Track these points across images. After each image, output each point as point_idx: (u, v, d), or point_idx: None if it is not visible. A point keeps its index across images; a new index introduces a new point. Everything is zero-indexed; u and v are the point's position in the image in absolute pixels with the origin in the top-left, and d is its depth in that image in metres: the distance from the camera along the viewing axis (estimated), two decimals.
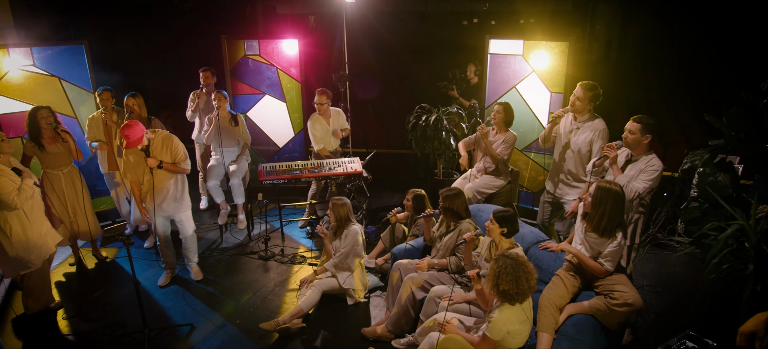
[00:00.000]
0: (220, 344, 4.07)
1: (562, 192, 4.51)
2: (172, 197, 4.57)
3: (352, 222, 4.45)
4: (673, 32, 5.99)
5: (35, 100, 5.67)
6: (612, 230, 3.10)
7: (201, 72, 6.12)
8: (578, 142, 4.31)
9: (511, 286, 2.85)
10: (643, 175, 3.56)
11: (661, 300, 4.44)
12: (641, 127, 3.55)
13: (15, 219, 4.10)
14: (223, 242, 5.85)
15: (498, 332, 2.90)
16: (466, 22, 8.32)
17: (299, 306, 4.18)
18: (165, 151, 4.42)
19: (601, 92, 4.23)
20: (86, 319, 4.43)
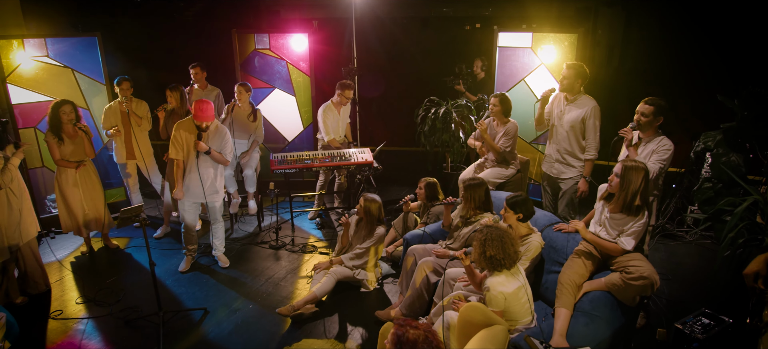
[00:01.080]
0: (234, 327, 4.10)
1: (559, 171, 4.65)
2: (210, 184, 4.64)
3: (381, 223, 4.48)
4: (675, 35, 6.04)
5: (49, 91, 5.74)
6: (641, 207, 3.13)
7: (191, 69, 6.15)
8: (571, 119, 4.47)
9: (497, 251, 2.93)
10: (655, 155, 3.60)
11: (673, 287, 4.46)
12: (654, 110, 3.59)
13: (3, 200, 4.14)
14: (234, 232, 5.88)
15: (497, 301, 2.94)
16: (469, 27, 8.39)
17: (313, 292, 4.20)
18: (216, 139, 4.52)
19: (588, 71, 4.42)
20: (99, 304, 4.45)
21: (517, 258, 3.08)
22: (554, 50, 5.73)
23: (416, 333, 2.25)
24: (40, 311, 4.38)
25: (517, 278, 3.08)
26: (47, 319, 4.25)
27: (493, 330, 2.26)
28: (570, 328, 3.02)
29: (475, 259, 3.07)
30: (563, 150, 4.59)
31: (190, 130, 4.52)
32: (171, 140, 4.59)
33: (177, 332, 4.02)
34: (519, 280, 3.08)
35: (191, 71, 6.08)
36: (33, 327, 4.13)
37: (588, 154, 4.46)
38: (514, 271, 3.08)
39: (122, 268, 5.13)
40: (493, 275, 3.05)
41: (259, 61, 6.78)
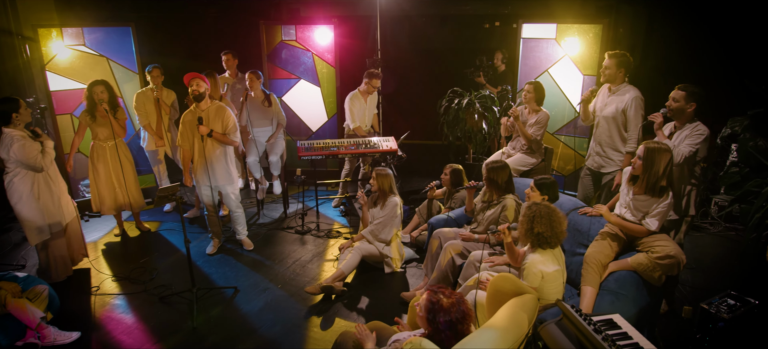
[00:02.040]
0: (264, 305, 4.23)
1: (598, 164, 4.51)
2: (220, 168, 4.74)
3: (393, 193, 4.57)
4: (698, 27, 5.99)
5: (85, 79, 5.94)
6: (665, 188, 3.16)
7: (223, 55, 6.23)
8: (611, 110, 4.32)
9: (545, 228, 2.97)
10: (688, 139, 3.60)
11: (697, 276, 4.47)
12: (686, 96, 3.60)
13: (43, 185, 4.31)
14: (260, 217, 6.03)
15: (534, 277, 2.99)
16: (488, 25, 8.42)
17: (340, 269, 4.31)
18: (217, 121, 4.61)
19: (631, 59, 4.25)
20: (134, 282, 4.62)
21: (562, 238, 3.10)
22: (578, 41, 5.76)
23: (449, 301, 2.34)
24: (78, 286, 4.56)
25: (558, 261, 3.12)
26: (85, 294, 4.43)
27: (523, 298, 2.34)
28: (595, 306, 3.07)
29: (522, 234, 3.10)
30: (603, 142, 4.43)
31: (193, 115, 4.63)
32: (180, 128, 4.72)
33: (209, 308, 4.16)
34: (559, 263, 3.11)
35: (223, 58, 6.19)
36: (72, 301, 4.31)
37: (628, 147, 4.26)
38: (556, 252, 3.11)
39: (154, 249, 5.30)
40: (536, 251, 3.09)
41: (286, 52, 6.92)
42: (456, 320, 2.30)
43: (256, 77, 5.79)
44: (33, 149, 4.14)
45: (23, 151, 4.09)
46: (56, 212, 4.42)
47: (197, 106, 4.59)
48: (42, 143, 4.28)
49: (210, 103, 4.63)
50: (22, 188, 4.22)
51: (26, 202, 4.25)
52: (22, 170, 4.21)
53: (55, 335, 3.69)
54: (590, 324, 2.05)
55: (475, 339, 2.15)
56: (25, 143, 4.11)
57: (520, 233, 3.13)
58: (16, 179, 4.21)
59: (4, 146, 4.10)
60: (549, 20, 6.00)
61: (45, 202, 4.32)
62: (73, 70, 5.93)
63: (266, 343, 3.73)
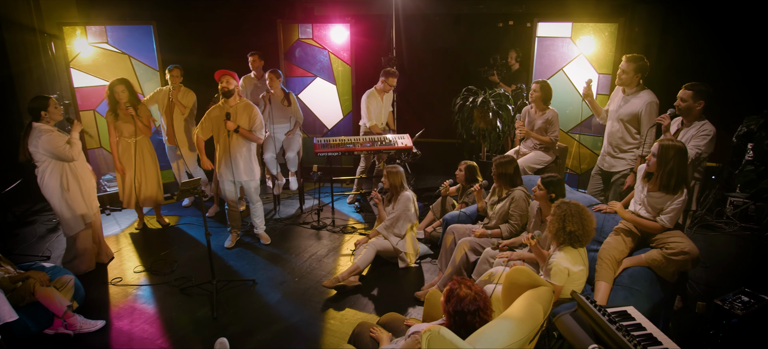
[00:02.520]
0: (282, 297, 4.33)
1: (610, 164, 4.57)
2: (243, 163, 4.86)
3: (405, 188, 4.64)
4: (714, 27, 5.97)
5: (108, 76, 6.09)
6: (679, 185, 3.19)
7: (249, 56, 6.34)
8: (627, 112, 4.35)
9: (577, 227, 2.99)
10: (695, 139, 3.63)
11: (711, 274, 4.48)
12: (693, 94, 3.63)
13: (71, 177, 4.43)
14: (277, 212, 6.14)
15: (561, 275, 3.02)
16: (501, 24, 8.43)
17: (355, 264, 4.39)
18: (244, 117, 4.73)
19: (648, 64, 4.26)
20: (155, 273, 4.75)
21: (592, 236, 3.12)
22: (593, 40, 5.77)
23: (467, 292, 2.40)
24: (101, 277, 4.69)
25: (584, 260, 3.14)
26: (108, 285, 4.56)
27: (539, 290, 2.39)
28: (609, 301, 3.11)
29: (553, 233, 3.13)
30: (615, 143, 4.49)
31: (220, 111, 4.74)
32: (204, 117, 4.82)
33: (229, 300, 4.27)
34: (584, 263, 3.14)
35: (250, 59, 6.28)
36: (96, 292, 4.44)
37: (640, 150, 4.31)
38: (582, 252, 3.14)
39: (174, 242, 5.43)
40: (563, 250, 3.12)
41: (302, 50, 7.02)
42: (476, 310, 2.37)
43: (276, 76, 5.89)
44: (60, 140, 4.28)
45: (50, 142, 4.23)
46: (84, 205, 4.55)
47: (226, 102, 4.69)
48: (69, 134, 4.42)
49: (238, 101, 4.74)
50: (53, 183, 4.36)
51: (58, 195, 4.38)
52: (51, 163, 4.34)
53: (81, 323, 3.83)
54: (605, 315, 2.11)
55: (492, 328, 2.22)
56: (52, 135, 4.25)
57: (551, 231, 3.14)
58: (47, 173, 4.34)
59: (33, 139, 4.24)
60: (564, 19, 6.02)
61: (74, 194, 4.46)
62: (96, 68, 6.07)
63: (285, 333, 3.83)
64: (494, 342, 2.10)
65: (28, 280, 3.72)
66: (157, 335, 3.83)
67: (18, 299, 3.65)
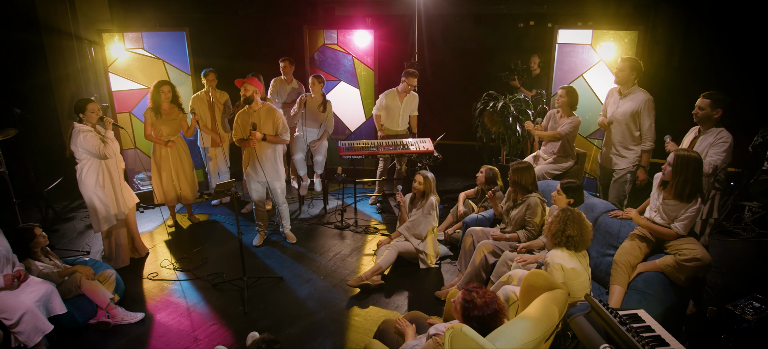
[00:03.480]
0: (308, 294, 4.54)
1: (611, 162, 4.86)
2: (269, 165, 5.08)
3: (432, 194, 4.82)
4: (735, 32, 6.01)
5: (143, 80, 6.40)
6: (693, 194, 3.32)
7: (281, 62, 6.56)
8: (624, 111, 4.65)
9: (576, 233, 3.18)
10: (713, 149, 3.73)
11: (727, 280, 4.56)
12: (711, 103, 3.74)
13: (107, 176, 4.69)
14: (302, 212, 6.37)
15: (556, 271, 3.18)
16: (522, 25, 8.52)
17: (378, 264, 4.59)
18: (268, 122, 4.95)
19: (642, 65, 4.58)
20: (188, 269, 5.00)
21: (587, 245, 3.31)
22: (614, 47, 5.86)
23: (482, 300, 2.56)
24: (138, 272, 4.97)
25: (581, 262, 3.29)
26: (145, 279, 4.84)
27: (554, 292, 2.55)
28: (623, 304, 3.25)
29: (552, 232, 3.31)
30: (616, 142, 4.78)
31: (244, 116, 4.96)
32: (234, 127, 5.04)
33: (258, 296, 4.50)
34: (581, 264, 3.29)
35: (281, 64, 6.51)
36: (134, 286, 4.71)
37: (644, 145, 4.63)
38: (579, 256, 3.29)
39: (205, 239, 5.69)
40: (557, 248, 3.29)
41: (327, 55, 7.23)
42: (488, 315, 2.53)
43: (319, 81, 6.13)
44: (95, 139, 4.52)
45: (86, 142, 4.48)
46: (115, 203, 4.80)
47: (250, 107, 4.93)
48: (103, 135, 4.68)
49: (260, 105, 4.97)
50: (89, 180, 4.63)
51: (94, 191, 4.65)
52: (89, 161, 4.61)
53: (123, 315, 4.09)
54: (616, 317, 2.25)
55: (511, 328, 2.38)
56: (88, 134, 4.50)
57: (551, 231, 3.31)
58: (85, 170, 4.61)
59: (74, 139, 4.52)
60: (585, 26, 6.12)
61: (108, 191, 4.72)
62: (132, 72, 6.37)
63: (312, 328, 4.04)
64: (512, 340, 2.26)
65: (75, 274, 4.00)
66: (192, 328, 4.08)
67: (65, 292, 3.92)
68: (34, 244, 4.00)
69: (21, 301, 3.40)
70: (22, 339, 3.40)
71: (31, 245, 3.98)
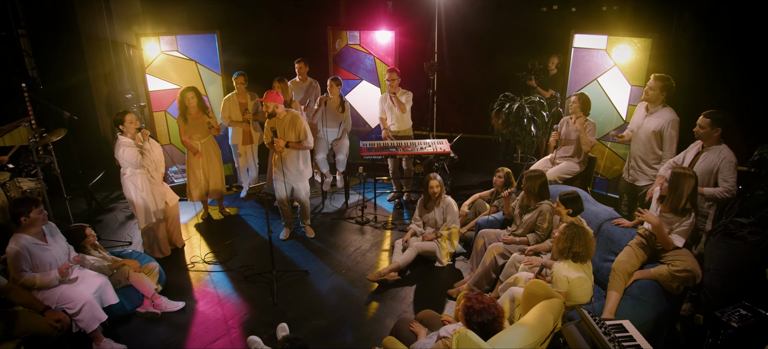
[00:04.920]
0: (331, 287, 4.94)
1: (633, 177, 4.99)
2: (293, 168, 5.45)
3: (446, 195, 5.13)
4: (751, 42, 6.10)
5: (177, 80, 6.81)
6: (688, 209, 3.58)
7: (296, 63, 6.90)
8: (649, 128, 4.75)
9: (582, 249, 3.47)
10: (722, 174, 3.97)
11: (726, 282, 4.78)
12: (711, 122, 3.96)
13: (146, 181, 5.09)
14: (324, 207, 6.76)
15: (562, 283, 3.49)
16: (545, 9, 8.63)
17: (397, 262, 4.95)
18: (291, 130, 5.30)
19: (674, 84, 4.65)
20: (221, 261, 5.44)
21: (592, 255, 3.62)
22: (628, 53, 6.02)
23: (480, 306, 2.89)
24: (176, 263, 5.43)
25: (585, 271, 3.60)
26: (183, 270, 5.29)
27: (551, 301, 2.87)
28: (619, 309, 3.54)
29: (558, 250, 3.62)
30: (638, 157, 4.91)
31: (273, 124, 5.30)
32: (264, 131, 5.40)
33: (286, 288, 4.91)
34: (585, 272, 3.60)
35: (296, 66, 6.89)
36: (173, 276, 5.17)
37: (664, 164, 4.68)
38: (585, 266, 3.61)
39: (235, 232, 6.12)
40: (563, 261, 3.60)
41: (350, 55, 7.54)
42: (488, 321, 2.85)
43: (336, 84, 6.48)
44: (133, 152, 4.92)
45: (126, 155, 4.90)
46: (156, 203, 5.23)
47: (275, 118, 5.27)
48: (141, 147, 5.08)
49: (284, 114, 5.31)
50: (130, 184, 5.06)
51: (135, 194, 5.09)
52: (130, 169, 5.04)
53: (166, 304, 4.55)
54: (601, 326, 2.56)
55: (510, 333, 2.72)
56: (127, 148, 4.91)
57: (558, 247, 3.62)
58: (127, 176, 5.05)
59: (117, 150, 4.95)
60: (601, 32, 6.28)
61: (147, 195, 5.14)
62: (166, 73, 6.78)
63: (335, 320, 4.44)
64: (510, 344, 2.60)
65: (124, 267, 4.46)
66: (227, 317, 4.52)
67: (115, 283, 4.39)
68: (86, 242, 4.47)
69: (81, 293, 3.86)
70: (82, 326, 3.86)
71: (83, 243, 4.44)
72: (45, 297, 3.77)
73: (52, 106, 5.63)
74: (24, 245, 3.73)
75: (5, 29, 7.11)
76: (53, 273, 3.81)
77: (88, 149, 7.43)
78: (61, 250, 3.97)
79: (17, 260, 3.70)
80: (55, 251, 3.91)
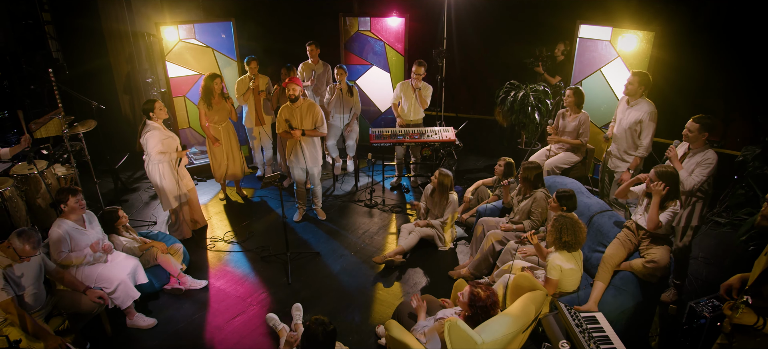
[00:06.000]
0: (341, 268, 5.33)
1: (615, 165, 5.39)
2: (309, 153, 5.80)
3: (451, 191, 5.44)
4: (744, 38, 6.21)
5: (196, 67, 7.13)
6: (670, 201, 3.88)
7: (307, 45, 7.16)
8: (629, 120, 5.10)
9: (571, 237, 3.78)
10: (699, 168, 4.22)
11: (712, 270, 5.09)
12: (699, 127, 4.20)
13: (167, 167, 5.43)
14: (335, 190, 7.12)
15: (555, 271, 3.82)
16: None
17: (401, 245, 5.32)
18: (308, 117, 5.62)
19: (651, 78, 5.00)
20: (239, 241, 5.85)
21: (582, 244, 3.93)
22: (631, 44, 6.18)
23: (485, 293, 3.25)
24: (198, 243, 5.85)
25: (576, 261, 3.93)
26: (204, 250, 5.71)
27: (534, 293, 3.20)
28: (603, 297, 3.88)
29: (550, 241, 3.94)
30: (620, 147, 5.27)
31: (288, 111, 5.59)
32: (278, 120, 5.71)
33: (299, 268, 5.32)
34: (576, 262, 3.92)
35: (307, 48, 7.15)
36: (195, 255, 5.60)
37: (639, 152, 5.11)
38: (576, 255, 3.93)
39: (252, 213, 6.53)
40: (558, 252, 3.93)
41: (360, 41, 7.78)
42: (489, 305, 3.23)
43: (344, 72, 6.76)
44: (157, 140, 5.27)
45: (150, 141, 5.26)
46: (177, 188, 5.59)
47: (293, 104, 5.58)
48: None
49: (303, 101, 5.62)
50: (155, 171, 5.43)
51: (159, 180, 5.47)
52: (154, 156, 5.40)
53: (191, 282, 4.98)
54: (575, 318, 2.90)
55: (495, 321, 3.07)
56: (153, 132, 5.25)
57: (549, 240, 3.95)
58: (152, 163, 5.42)
59: (143, 134, 5.31)
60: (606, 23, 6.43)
61: (170, 180, 5.50)
62: (186, 60, 7.10)
63: (344, 300, 4.84)
64: (495, 332, 2.96)
65: (152, 248, 4.89)
66: (246, 295, 4.94)
67: (144, 262, 4.81)
68: (118, 223, 4.89)
69: (117, 274, 4.29)
70: (118, 303, 4.31)
71: (116, 225, 4.86)
72: (85, 277, 4.21)
73: (82, 96, 5.99)
74: (66, 229, 4.15)
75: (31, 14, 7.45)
76: (86, 250, 4.23)
77: (111, 132, 7.83)
78: (97, 236, 4.38)
79: (59, 242, 4.12)
80: (92, 236, 4.33)
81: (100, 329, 4.37)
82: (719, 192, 5.41)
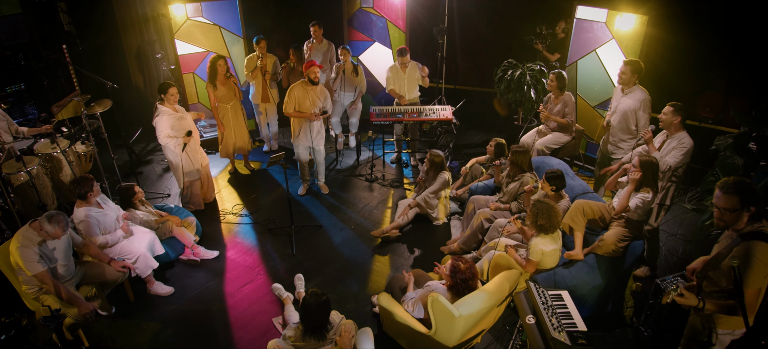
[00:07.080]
0: (341, 241, 5.74)
1: (612, 150, 5.59)
2: (317, 131, 6.15)
3: (444, 170, 5.76)
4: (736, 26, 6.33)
5: (203, 44, 7.41)
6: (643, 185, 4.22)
7: (311, 26, 7.40)
8: (624, 108, 5.29)
9: (545, 221, 4.12)
10: (674, 151, 4.51)
11: (689, 247, 5.44)
12: (673, 111, 4.48)
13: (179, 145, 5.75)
14: (337, 164, 7.48)
15: (536, 254, 4.19)
16: None
17: (397, 221, 5.70)
18: (321, 98, 5.98)
19: (643, 66, 5.17)
20: (247, 213, 6.26)
21: (558, 227, 4.27)
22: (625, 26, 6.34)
23: (465, 266, 3.63)
24: (209, 214, 6.27)
25: (556, 242, 4.27)
26: (216, 222, 6.13)
27: (510, 272, 3.57)
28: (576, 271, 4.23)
29: (529, 224, 4.29)
30: (616, 134, 5.45)
31: (303, 91, 5.92)
32: (286, 98, 6.00)
33: (303, 241, 5.73)
34: (556, 244, 4.27)
35: (312, 29, 7.39)
36: (207, 227, 6.02)
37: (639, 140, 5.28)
38: (554, 236, 4.27)
39: (259, 185, 6.92)
40: (539, 235, 4.27)
41: (363, 18, 7.97)
42: (468, 277, 3.62)
43: (348, 52, 7.01)
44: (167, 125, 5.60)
45: (157, 127, 5.62)
46: (192, 164, 5.96)
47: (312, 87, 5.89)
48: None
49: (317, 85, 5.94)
50: (169, 150, 5.79)
51: (174, 158, 5.84)
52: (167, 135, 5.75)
53: (204, 253, 5.42)
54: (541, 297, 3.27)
55: (472, 297, 3.46)
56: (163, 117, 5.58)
57: (527, 223, 4.30)
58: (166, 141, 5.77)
59: (155, 117, 5.65)
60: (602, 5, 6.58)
61: (184, 158, 5.87)
62: (194, 37, 7.37)
63: (343, 270, 5.26)
64: (471, 307, 3.35)
65: (167, 222, 5.30)
66: (254, 265, 5.38)
67: (160, 235, 5.23)
68: (135, 198, 5.30)
69: (137, 247, 4.73)
70: (139, 272, 4.76)
71: (133, 199, 5.27)
72: (109, 250, 4.65)
73: (98, 77, 6.31)
74: (91, 214, 4.54)
75: None
76: (119, 233, 4.68)
77: (124, 105, 8.19)
78: (114, 212, 4.79)
79: (90, 228, 4.51)
80: (111, 214, 4.74)
81: (124, 296, 4.84)
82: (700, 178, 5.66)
